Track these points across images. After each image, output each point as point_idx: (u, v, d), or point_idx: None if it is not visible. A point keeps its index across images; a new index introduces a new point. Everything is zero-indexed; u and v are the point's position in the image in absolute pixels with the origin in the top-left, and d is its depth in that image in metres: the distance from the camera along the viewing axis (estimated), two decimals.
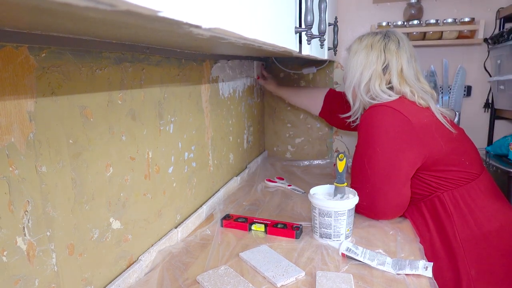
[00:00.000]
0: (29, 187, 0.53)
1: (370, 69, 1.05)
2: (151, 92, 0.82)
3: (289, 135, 1.82)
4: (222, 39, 0.48)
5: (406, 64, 1.04)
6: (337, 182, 0.94)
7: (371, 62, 1.04)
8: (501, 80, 1.43)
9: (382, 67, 1.04)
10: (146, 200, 0.82)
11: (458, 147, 1.01)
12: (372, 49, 1.05)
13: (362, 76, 1.06)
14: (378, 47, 1.05)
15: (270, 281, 0.74)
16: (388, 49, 1.04)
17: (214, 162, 1.20)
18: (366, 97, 1.07)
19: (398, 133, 0.95)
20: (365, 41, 1.08)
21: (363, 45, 1.07)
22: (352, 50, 1.09)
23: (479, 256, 0.95)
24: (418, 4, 1.55)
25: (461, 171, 0.98)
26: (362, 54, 1.06)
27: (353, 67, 1.08)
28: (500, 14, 1.49)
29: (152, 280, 0.76)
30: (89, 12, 0.27)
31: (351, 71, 1.09)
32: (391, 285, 0.72)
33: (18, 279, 0.51)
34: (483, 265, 0.95)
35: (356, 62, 1.07)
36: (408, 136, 0.94)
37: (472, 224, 0.96)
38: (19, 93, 0.50)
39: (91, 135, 0.64)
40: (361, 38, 1.10)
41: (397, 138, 0.95)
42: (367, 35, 1.10)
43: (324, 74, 1.72)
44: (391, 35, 1.07)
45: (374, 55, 1.04)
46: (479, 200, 0.98)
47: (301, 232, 0.96)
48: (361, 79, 1.06)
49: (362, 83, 1.07)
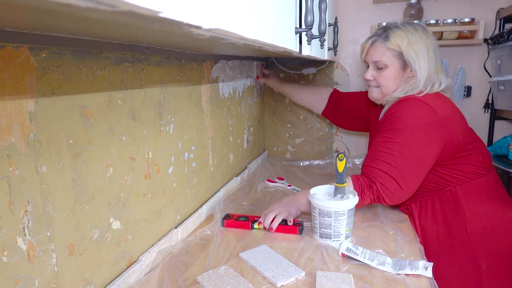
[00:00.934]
0: (29, 187, 0.53)
1: (433, 63, 1.03)
2: (151, 92, 0.82)
3: (289, 135, 1.82)
4: (223, 40, 0.48)
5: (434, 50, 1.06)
6: (337, 182, 0.94)
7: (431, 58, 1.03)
8: (501, 81, 1.43)
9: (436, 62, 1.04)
10: (146, 200, 0.82)
11: (471, 139, 1.03)
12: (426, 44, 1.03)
13: (430, 71, 1.02)
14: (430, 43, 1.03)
15: (270, 281, 0.74)
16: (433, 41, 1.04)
17: (214, 162, 1.20)
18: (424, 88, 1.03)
19: (427, 126, 0.96)
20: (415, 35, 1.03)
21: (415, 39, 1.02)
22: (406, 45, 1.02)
23: (490, 250, 0.96)
24: (418, 4, 1.55)
25: (474, 165, 1.00)
26: (422, 50, 1.02)
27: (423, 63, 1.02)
28: (500, 15, 1.49)
29: (152, 280, 0.76)
30: (89, 13, 0.27)
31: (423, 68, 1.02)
32: (391, 285, 0.72)
33: (18, 279, 0.52)
34: (494, 259, 0.96)
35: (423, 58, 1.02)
36: (436, 129, 0.96)
37: (483, 217, 0.98)
38: (19, 93, 0.50)
39: (91, 135, 0.64)
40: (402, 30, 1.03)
41: (426, 131, 0.96)
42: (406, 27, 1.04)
43: (324, 74, 1.72)
44: (425, 27, 1.06)
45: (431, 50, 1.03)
46: (490, 194, 1.00)
47: (303, 228, 0.97)
48: (429, 73, 1.02)
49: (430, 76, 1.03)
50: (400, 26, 1.05)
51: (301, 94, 1.56)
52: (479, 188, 1.00)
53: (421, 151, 0.96)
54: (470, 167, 1.00)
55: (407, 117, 0.97)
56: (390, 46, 1.03)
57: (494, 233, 0.98)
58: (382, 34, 1.06)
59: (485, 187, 1.01)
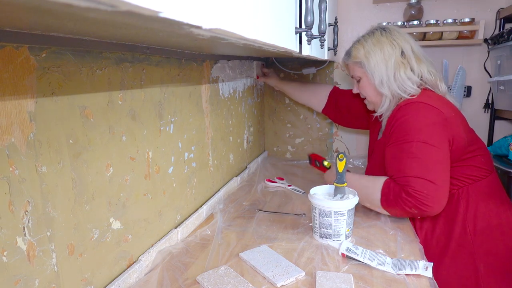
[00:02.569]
0: (29, 187, 0.53)
1: (392, 59, 1.04)
2: (151, 92, 0.82)
3: (289, 135, 1.82)
4: (223, 40, 0.48)
5: (413, 42, 1.07)
6: (337, 182, 0.94)
7: (389, 53, 1.04)
8: (501, 81, 1.43)
9: (400, 54, 1.04)
10: (146, 200, 0.82)
11: (474, 140, 1.03)
12: (382, 43, 1.05)
13: (388, 69, 1.04)
14: (385, 39, 1.05)
15: (270, 281, 0.74)
16: (393, 37, 1.06)
17: (214, 162, 1.20)
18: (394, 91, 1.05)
19: (435, 125, 0.95)
20: (369, 41, 1.07)
21: (369, 45, 1.06)
22: (362, 55, 1.07)
23: (488, 250, 0.96)
24: (418, 4, 1.55)
25: (477, 167, 1.00)
26: (376, 52, 1.05)
27: (376, 66, 1.05)
28: (500, 15, 1.49)
29: (152, 280, 0.76)
30: (90, 13, 0.27)
31: (377, 71, 1.05)
32: (391, 285, 0.72)
33: (18, 279, 0.52)
34: (492, 260, 0.96)
35: (375, 61, 1.05)
36: (443, 128, 0.95)
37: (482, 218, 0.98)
38: (19, 93, 0.50)
39: (91, 135, 0.64)
40: (360, 41, 1.09)
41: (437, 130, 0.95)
42: (364, 36, 1.10)
43: (324, 75, 1.73)
44: (384, 27, 1.09)
45: (388, 46, 1.05)
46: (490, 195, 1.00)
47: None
48: (388, 72, 1.04)
49: (391, 75, 1.04)
50: (360, 38, 1.11)
51: (301, 93, 1.56)
52: (481, 189, 1.00)
53: (439, 149, 0.94)
54: (474, 170, 1.00)
55: (415, 120, 0.96)
56: (353, 60, 1.10)
57: (492, 234, 0.98)
58: (348, 52, 1.13)
59: (486, 188, 1.01)
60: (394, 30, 1.07)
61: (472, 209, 0.99)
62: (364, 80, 1.10)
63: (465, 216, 0.98)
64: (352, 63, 1.11)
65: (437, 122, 0.95)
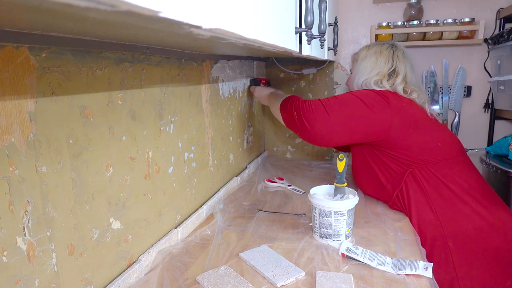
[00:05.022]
0: (29, 187, 0.53)
1: (377, 70, 1.15)
2: (151, 92, 0.82)
3: (289, 135, 1.82)
4: (222, 40, 0.48)
5: (410, 71, 1.15)
6: (337, 182, 0.95)
7: (380, 65, 1.15)
8: (501, 81, 1.43)
9: (388, 71, 1.14)
10: (146, 200, 0.82)
11: (431, 127, 1.08)
12: (381, 55, 1.16)
13: (369, 75, 1.15)
14: (386, 54, 1.16)
15: (270, 281, 0.74)
16: (396, 56, 1.15)
17: (214, 162, 1.20)
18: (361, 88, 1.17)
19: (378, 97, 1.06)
20: (374, 48, 1.18)
21: (372, 51, 1.18)
22: (361, 56, 1.20)
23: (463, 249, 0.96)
24: (418, 4, 1.55)
25: (431, 149, 1.04)
26: (372, 59, 1.17)
27: (362, 69, 1.18)
28: (500, 15, 1.49)
29: (152, 280, 0.76)
30: (89, 13, 0.27)
31: (360, 72, 1.18)
32: (391, 285, 0.72)
33: (18, 279, 0.52)
34: (461, 239, 0.97)
35: (366, 65, 1.17)
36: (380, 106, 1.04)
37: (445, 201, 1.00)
38: (19, 93, 0.50)
39: (91, 135, 0.64)
40: (368, 46, 1.21)
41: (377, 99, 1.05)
42: (375, 44, 1.21)
43: (324, 74, 1.73)
44: (397, 45, 1.19)
45: (383, 60, 1.15)
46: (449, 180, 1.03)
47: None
48: (366, 78, 1.16)
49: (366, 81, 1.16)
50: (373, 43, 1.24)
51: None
52: (439, 171, 1.03)
53: (363, 105, 1.04)
54: (428, 153, 1.04)
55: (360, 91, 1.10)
56: (355, 57, 1.25)
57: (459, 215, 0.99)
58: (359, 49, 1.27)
59: (443, 170, 1.03)
60: (401, 51, 1.17)
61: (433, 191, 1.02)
62: (351, 75, 1.27)
63: (430, 198, 1.01)
64: (354, 59, 1.26)
65: (378, 100, 1.05)
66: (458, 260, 0.96)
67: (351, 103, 1.05)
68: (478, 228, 0.97)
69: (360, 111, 1.03)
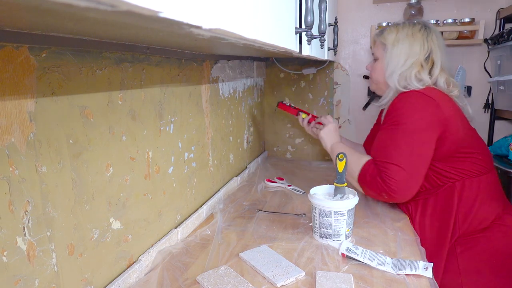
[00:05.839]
0: (29, 187, 0.53)
1: (413, 58, 1.04)
2: (151, 92, 0.82)
3: (289, 135, 1.82)
4: (223, 40, 0.48)
5: (446, 59, 1.07)
6: (337, 182, 0.94)
7: (415, 53, 1.04)
8: (501, 81, 1.43)
9: (424, 57, 1.04)
10: (146, 200, 0.82)
11: (472, 138, 1.03)
12: (415, 39, 1.04)
13: (405, 65, 1.04)
14: (420, 37, 1.04)
15: (270, 281, 0.74)
16: (431, 39, 1.04)
17: (214, 162, 1.20)
18: (399, 85, 1.05)
19: (428, 114, 0.97)
20: (405, 30, 1.06)
21: (403, 34, 1.06)
22: (390, 40, 1.07)
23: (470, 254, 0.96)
24: (418, 4, 1.55)
25: (473, 163, 1.00)
26: (405, 44, 1.05)
27: (395, 58, 1.06)
28: (500, 15, 1.49)
29: (152, 280, 0.76)
30: (89, 13, 0.27)
31: (394, 61, 1.06)
32: (391, 285, 0.72)
33: (18, 279, 0.52)
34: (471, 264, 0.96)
35: (399, 51, 1.05)
36: (435, 119, 0.97)
37: (471, 219, 0.98)
38: (19, 93, 0.50)
39: (91, 135, 0.64)
40: (397, 26, 1.08)
41: (429, 121, 0.97)
42: (403, 23, 1.09)
43: (324, 75, 1.73)
44: (430, 25, 1.07)
45: (418, 45, 1.04)
46: (484, 194, 0.99)
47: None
48: (402, 68, 1.05)
49: (403, 72, 1.05)
50: (400, 22, 1.11)
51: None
52: (477, 186, 1.00)
53: (424, 139, 0.96)
54: (470, 165, 1.00)
55: (408, 107, 0.99)
56: (381, 40, 1.10)
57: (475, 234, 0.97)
58: (382, 30, 1.12)
59: (481, 185, 1.00)
60: (434, 33, 1.06)
61: (461, 207, 0.98)
62: (379, 62, 1.12)
63: (457, 216, 0.98)
64: (380, 42, 1.11)
65: (430, 111, 0.97)
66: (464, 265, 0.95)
67: (416, 143, 0.96)
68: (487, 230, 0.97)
69: (428, 140, 0.97)
